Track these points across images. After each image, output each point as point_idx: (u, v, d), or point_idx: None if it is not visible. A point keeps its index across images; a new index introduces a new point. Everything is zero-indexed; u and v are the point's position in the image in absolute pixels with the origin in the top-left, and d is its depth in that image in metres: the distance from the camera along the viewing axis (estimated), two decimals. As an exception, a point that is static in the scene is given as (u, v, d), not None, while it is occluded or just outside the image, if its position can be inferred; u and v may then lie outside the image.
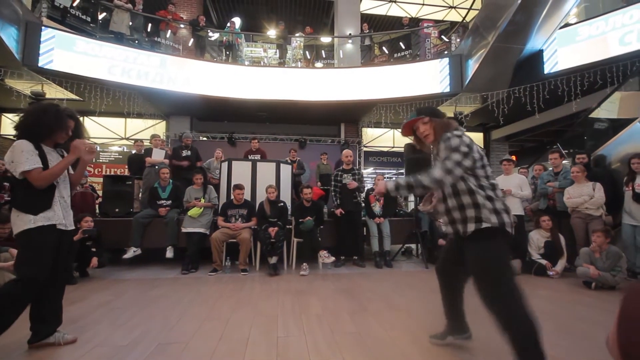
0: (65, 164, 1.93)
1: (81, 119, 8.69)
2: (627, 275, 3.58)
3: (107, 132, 8.94)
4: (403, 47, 8.36)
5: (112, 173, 8.26)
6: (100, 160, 8.67)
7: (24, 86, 6.73)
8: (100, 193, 6.35)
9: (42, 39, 6.06)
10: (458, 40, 8.11)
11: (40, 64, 6.03)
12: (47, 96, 7.19)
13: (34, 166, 1.82)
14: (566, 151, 5.76)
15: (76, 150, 1.94)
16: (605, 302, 2.91)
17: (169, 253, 4.26)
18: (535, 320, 1.48)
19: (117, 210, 4.68)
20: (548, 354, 1.43)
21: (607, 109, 5.42)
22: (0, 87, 6.45)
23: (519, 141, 10.20)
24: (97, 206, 5.27)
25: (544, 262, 3.92)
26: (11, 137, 6.45)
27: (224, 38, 8.27)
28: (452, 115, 8.17)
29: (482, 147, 9.98)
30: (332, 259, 4.21)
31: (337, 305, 2.83)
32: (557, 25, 6.01)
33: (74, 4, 6.72)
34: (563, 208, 4.21)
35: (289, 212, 4.64)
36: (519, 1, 5.52)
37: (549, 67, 6.33)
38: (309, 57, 8.72)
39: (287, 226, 4.40)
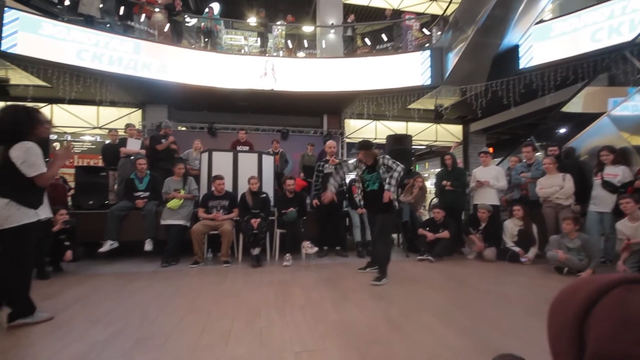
0: (57, 169, 2.30)
1: (49, 107, 8.13)
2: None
3: (78, 120, 8.49)
4: (385, 39, 8.37)
5: (85, 164, 7.89)
6: (73, 151, 8.23)
7: (-14, 71, 6.30)
8: (72, 185, 6.07)
9: (4, 21, 5.65)
10: (439, 33, 8.19)
11: (2, 48, 5.64)
12: (12, 82, 6.75)
13: (44, 169, 2.11)
14: (539, 144, 6.00)
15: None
16: (571, 286, 3.09)
17: (148, 246, 4.14)
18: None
19: (91, 202, 4.49)
20: (518, 336, 1.51)
21: (576, 103, 5.67)
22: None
23: (496, 134, 10.54)
24: (69, 198, 5.04)
25: (517, 249, 4.11)
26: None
27: (202, 24, 7.99)
28: (433, 107, 8.32)
29: (462, 138, 10.23)
30: (316, 249, 4.23)
31: (320, 295, 2.87)
32: (532, 20, 6.19)
33: (39, -17, 6.29)
34: (535, 198, 4.40)
35: (272, 204, 4.62)
36: (498, -5, 5.63)
37: (524, 62, 6.53)
38: (290, 46, 8.58)
39: (270, 217, 4.38)
